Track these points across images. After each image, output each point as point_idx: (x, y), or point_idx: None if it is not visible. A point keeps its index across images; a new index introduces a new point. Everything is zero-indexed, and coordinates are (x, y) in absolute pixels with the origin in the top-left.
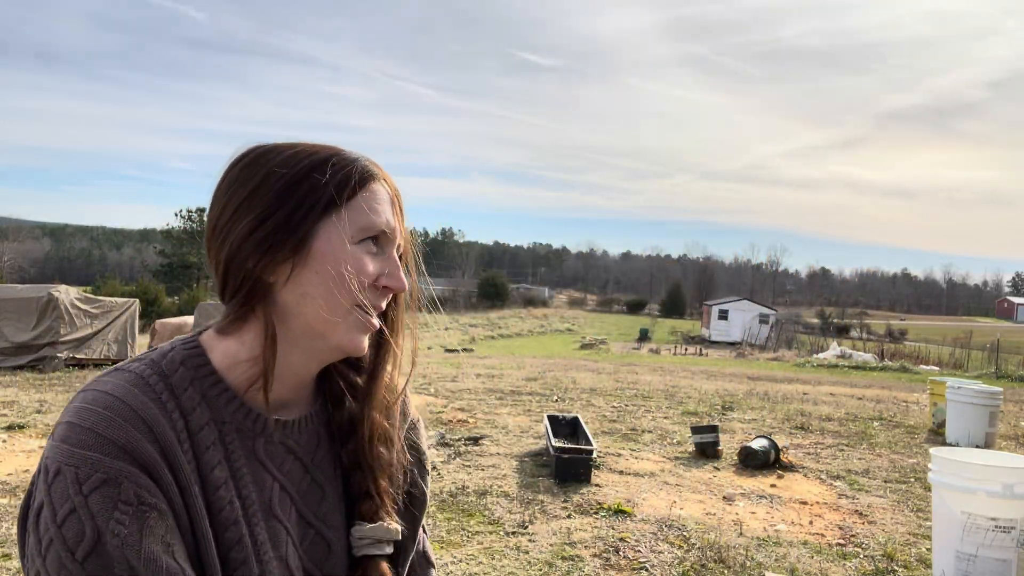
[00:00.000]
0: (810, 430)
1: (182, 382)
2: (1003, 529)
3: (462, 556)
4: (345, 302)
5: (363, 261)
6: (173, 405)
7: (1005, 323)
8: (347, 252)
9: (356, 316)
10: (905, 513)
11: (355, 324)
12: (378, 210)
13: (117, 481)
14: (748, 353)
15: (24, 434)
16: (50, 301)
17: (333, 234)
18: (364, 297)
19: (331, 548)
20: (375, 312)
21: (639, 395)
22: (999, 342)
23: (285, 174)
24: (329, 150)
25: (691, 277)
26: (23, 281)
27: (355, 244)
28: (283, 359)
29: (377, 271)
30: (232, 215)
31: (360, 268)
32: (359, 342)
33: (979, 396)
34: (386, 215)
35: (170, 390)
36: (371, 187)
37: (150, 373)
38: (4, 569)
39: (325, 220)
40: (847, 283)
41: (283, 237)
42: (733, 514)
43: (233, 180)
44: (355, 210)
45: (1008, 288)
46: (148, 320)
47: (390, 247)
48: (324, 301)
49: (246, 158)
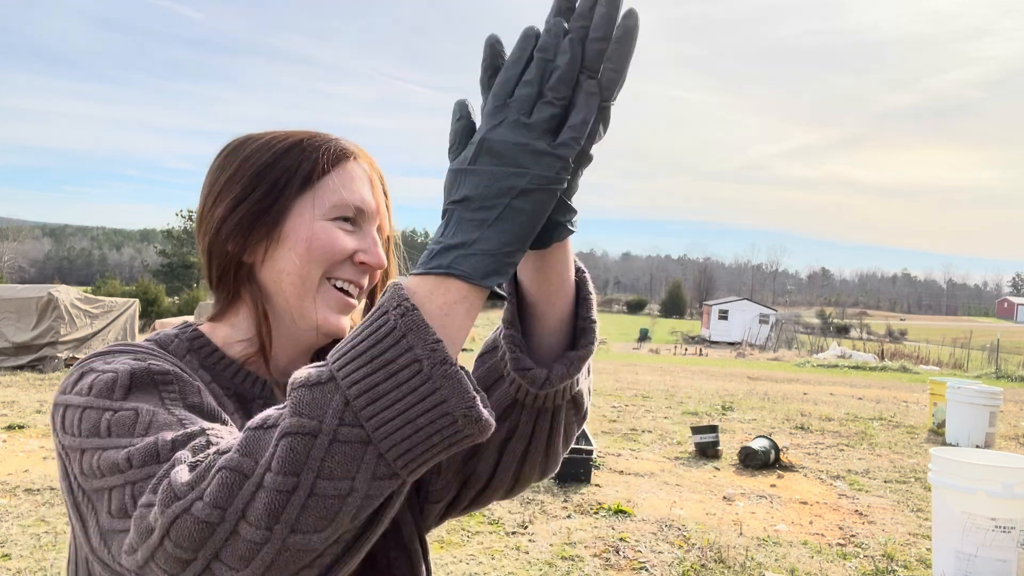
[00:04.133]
0: (810, 430)
1: (179, 351)
2: (1003, 529)
3: (462, 556)
4: (315, 274)
5: (335, 236)
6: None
7: (1005, 323)
8: (318, 227)
9: (331, 293)
10: (905, 513)
11: (330, 302)
12: (352, 188)
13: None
14: (748, 353)
15: (24, 434)
16: (50, 301)
17: (305, 212)
18: (340, 272)
19: None
20: (357, 290)
21: (639, 395)
22: (999, 342)
23: (259, 159)
24: (305, 134)
25: (691, 277)
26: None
27: (328, 221)
28: (275, 342)
29: (354, 247)
30: (212, 203)
31: (331, 242)
32: (336, 321)
33: (979, 396)
34: (361, 193)
35: (169, 358)
36: (345, 166)
37: (146, 344)
38: (4, 569)
39: (298, 200)
40: (847, 283)
41: (257, 218)
42: (733, 514)
43: (214, 169)
44: (327, 189)
45: (1008, 288)
46: (148, 320)
47: (368, 225)
48: (296, 276)
49: (227, 148)
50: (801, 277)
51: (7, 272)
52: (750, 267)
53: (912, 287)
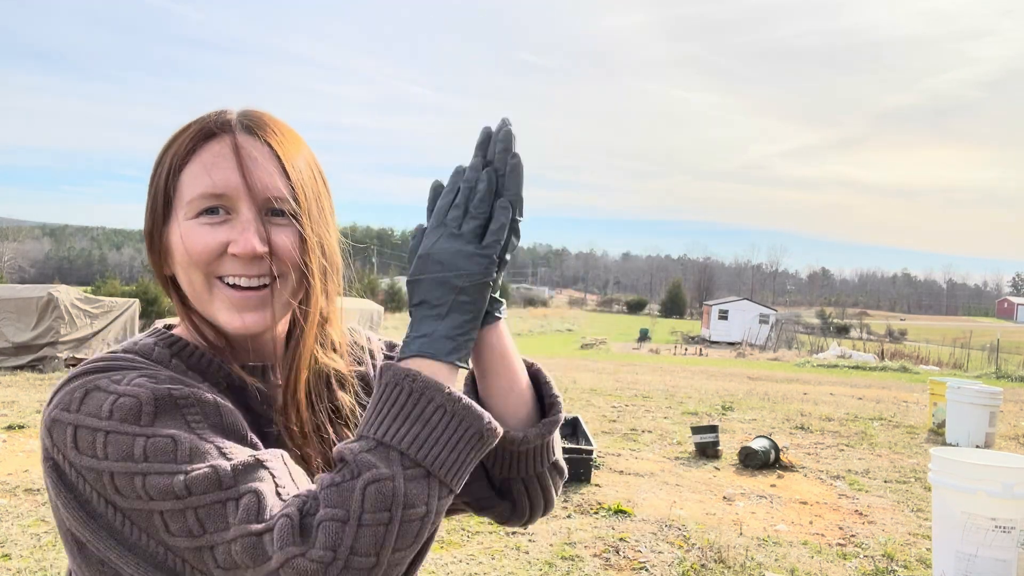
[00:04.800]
0: (810, 430)
1: (163, 358)
2: (1003, 529)
3: (462, 556)
4: (198, 280)
5: (196, 235)
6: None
7: (1005, 323)
8: (184, 230)
9: (223, 292)
10: (905, 513)
11: (224, 301)
12: (207, 175)
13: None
14: (748, 353)
15: (24, 434)
16: (50, 301)
17: (175, 217)
18: (222, 269)
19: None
20: (256, 280)
21: (639, 395)
22: (999, 342)
23: (153, 169)
24: (186, 125)
25: (691, 277)
26: (23, 281)
27: (190, 220)
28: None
29: (222, 239)
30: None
31: (193, 243)
32: (236, 320)
33: (979, 396)
34: (219, 176)
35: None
36: (203, 150)
37: (129, 355)
38: (4, 569)
39: (172, 206)
40: (847, 283)
41: (151, 236)
42: (733, 514)
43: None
44: (184, 185)
45: (1008, 288)
46: (148, 320)
47: (241, 206)
48: (188, 285)
49: None
50: (801, 277)
51: (7, 272)
52: (750, 267)
53: (912, 287)
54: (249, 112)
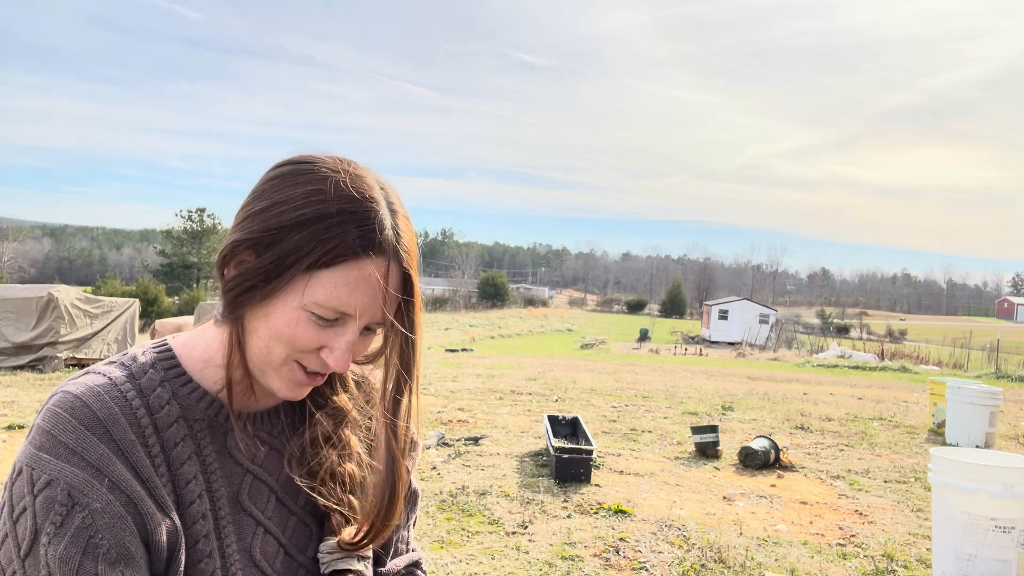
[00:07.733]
0: (810, 430)
1: (151, 383)
2: (1003, 529)
3: (462, 556)
4: (278, 353)
5: (303, 330)
6: (139, 403)
7: (1005, 323)
8: (292, 315)
9: (294, 372)
10: (905, 513)
11: (290, 378)
12: (349, 295)
13: (57, 482)
14: (748, 353)
15: (24, 434)
16: (50, 301)
17: (293, 294)
18: (305, 360)
19: (313, 534)
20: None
21: (639, 395)
22: (999, 342)
23: (286, 215)
24: (347, 201)
25: (691, 277)
26: (23, 281)
27: (306, 311)
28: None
29: (321, 343)
30: (239, 222)
31: (296, 336)
32: (291, 394)
33: (979, 396)
34: (358, 301)
35: (138, 390)
36: (353, 265)
37: (119, 375)
38: None
39: (294, 280)
40: (847, 283)
41: (255, 275)
42: (733, 514)
43: (260, 185)
44: (320, 282)
45: (1008, 288)
46: (148, 320)
47: (351, 323)
48: (264, 345)
49: (281, 170)
50: (801, 277)
51: (7, 272)
52: (750, 267)
53: (912, 287)
54: (401, 233)
